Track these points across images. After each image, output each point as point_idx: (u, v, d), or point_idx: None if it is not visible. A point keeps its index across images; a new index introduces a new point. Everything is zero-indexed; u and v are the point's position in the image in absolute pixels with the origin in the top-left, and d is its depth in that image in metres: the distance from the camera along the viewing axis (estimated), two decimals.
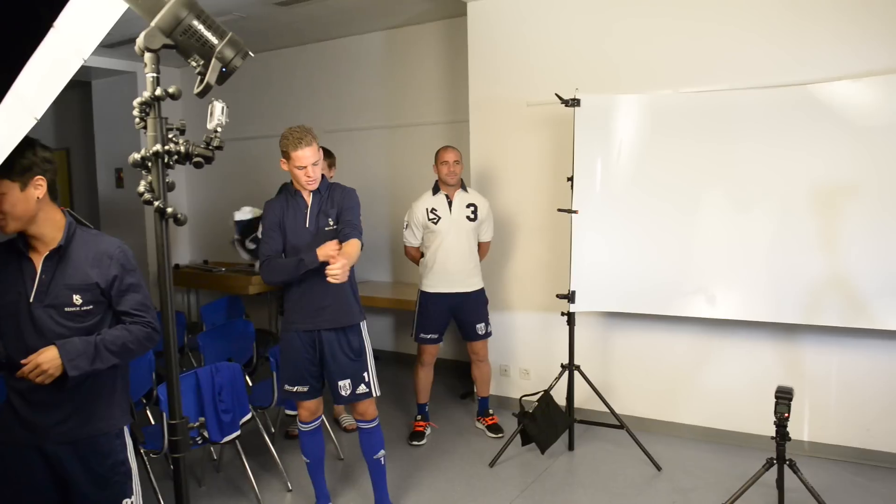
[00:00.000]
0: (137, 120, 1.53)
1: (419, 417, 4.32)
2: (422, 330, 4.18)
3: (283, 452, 3.96)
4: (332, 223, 3.04)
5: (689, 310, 3.89)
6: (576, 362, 3.96)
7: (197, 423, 1.52)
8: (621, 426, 3.88)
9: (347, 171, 5.64)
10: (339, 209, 3.05)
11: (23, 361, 1.87)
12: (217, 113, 1.59)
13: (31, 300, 1.96)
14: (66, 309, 1.98)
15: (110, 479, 2.08)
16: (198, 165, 1.57)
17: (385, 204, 6.00)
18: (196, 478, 3.76)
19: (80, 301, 1.99)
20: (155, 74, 1.53)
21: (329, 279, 2.62)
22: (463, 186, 4.16)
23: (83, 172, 8.46)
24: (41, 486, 2.04)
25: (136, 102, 1.52)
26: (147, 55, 1.54)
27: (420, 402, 4.31)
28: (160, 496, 3.25)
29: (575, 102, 3.83)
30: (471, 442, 4.26)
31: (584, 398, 4.18)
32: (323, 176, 3.06)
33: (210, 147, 1.59)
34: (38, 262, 1.99)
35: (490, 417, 4.39)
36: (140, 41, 1.53)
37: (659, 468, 3.78)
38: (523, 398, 3.90)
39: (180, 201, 7.41)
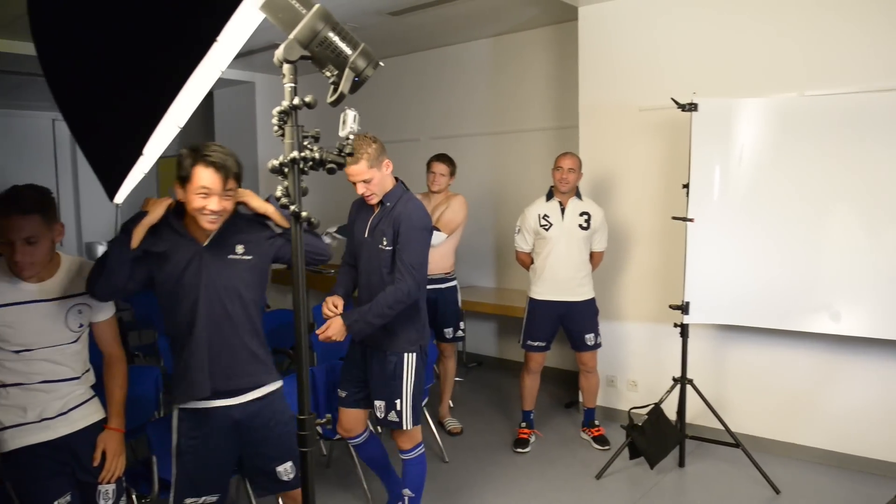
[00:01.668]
0: (276, 128, 1.60)
1: (524, 425, 4.29)
2: (529, 337, 4.15)
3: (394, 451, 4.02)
4: (385, 243, 2.83)
5: (812, 325, 3.67)
6: (688, 376, 3.82)
7: (325, 420, 1.57)
8: (736, 444, 3.71)
9: None
10: (396, 233, 2.81)
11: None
12: (349, 121, 1.64)
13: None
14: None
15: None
16: (331, 171, 1.62)
17: (489, 210, 6.02)
18: None
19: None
20: (293, 84, 1.59)
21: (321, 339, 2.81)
22: (578, 194, 4.09)
23: None
24: (229, 446, 2.33)
25: (275, 111, 1.59)
26: (285, 66, 1.60)
27: (525, 410, 4.28)
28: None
29: (692, 107, 3.71)
30: (576, 452, 4.19)
31: (695, 413, 4.02)
32: (396, 186, 2.91)
33: (342, 154, 1.64)
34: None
35: (596, 428, 4.30)
36: (279, 53, 1.60)
37: (777, 491, 3.58)
38: (632, 410, 3.81)
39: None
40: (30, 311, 2.12)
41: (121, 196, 1.34)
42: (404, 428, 2.94)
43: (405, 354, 2.92)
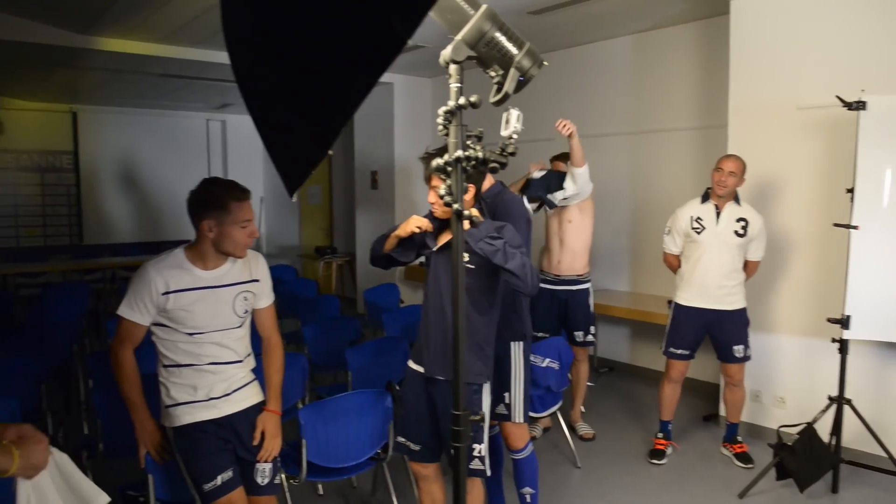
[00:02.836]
0: (441, 127, 1.63)
1: (661, 435, 4.13)
2: (672, 344, 4.00)
3: None
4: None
5: None
6: (846, 395, 3.54)
7: (478, 417, 1.59)
8: None
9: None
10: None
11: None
12: (513, 121, 1.64)
13: None
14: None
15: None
16: (493, 171, 1.63)
17: (627, 212, 5.86)
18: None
19: None
20: (459, 85, 1.61)
21: None
22: (736, 199, 3.87)
23: (342, 175, 9.33)
24: (425, 409, 2.61)
25: (441, 111, 1.61)
26: (452, 67, 1.62)
27: (663, 420, 4.13)
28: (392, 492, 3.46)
29: (860, 105, 3.42)
30: (715, 468, 4.00)
31: (852, 436, 3.72)
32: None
33: (504, 153, 1.64)
34: None
35: (739, 445, 4.08)
36: (447, 54, 1.62)
37: None
38: (781, 429, 3.58)
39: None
40: (203, 297, 2.29)
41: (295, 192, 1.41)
42: (514, 420, 2.92)
43: (511, 344, 2.91)
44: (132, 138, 10.06)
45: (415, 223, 2.55)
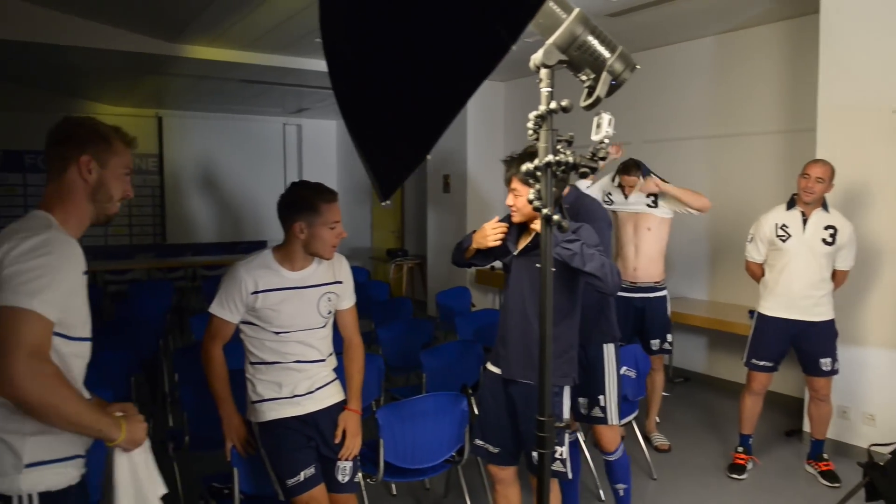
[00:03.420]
0: (531, 132, 1.62)
1: (741, 449, 4.00)
2: (755, 355, 3.86)
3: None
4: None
5: None
6: None
7: (563, 424, 1.58)
8: None
9: None
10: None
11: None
12: (604, 125, 1.61)
13: None
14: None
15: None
16: (583, 175, 1.62)
17: (705, 218, 5.66)
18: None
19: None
20: (550, 89, 1.60)
21: None
22: (824, 206, 3.72)
23: (414, 178, 9.41)
24: (504, 412, 2.60)
25: (531, 115, 1.61)
26: (543, 71, 1.62)
27: (743, 433, 3.99)
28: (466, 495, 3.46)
29: None
30: (798, 486, 3.84)
31: None
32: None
33: (595, 158, 1.62)
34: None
35: (824, 462, 3.90)
36: (538, 58, 1.61)
37: None
38: (872, 447, 3.40)
39: (499, 205, 7.85)
40: (290, 297, 2.35)
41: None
42: (610, 422, 2.95)
43: (603, 346, 2.95)
44: (212, 142, 10.44)
45: (493, 234, 2.55)
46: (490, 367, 2.73)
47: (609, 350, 2.99)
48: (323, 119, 11.31)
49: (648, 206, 4.17)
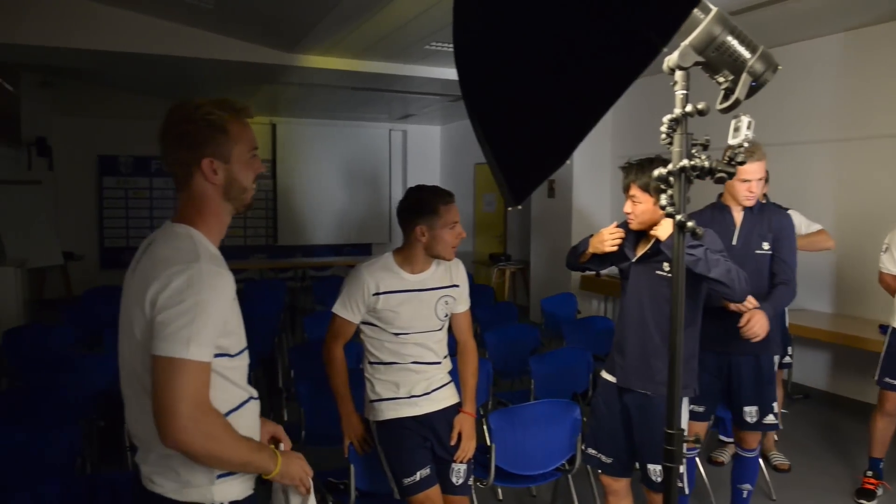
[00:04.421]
0: (664, 135, 1.58)
1: (870, 473, 3.73)
2: (888, 374, 3.59)
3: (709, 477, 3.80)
4: (766, 247, 2.93)
5: None
6: None
7: (693, 438, 1.53)
8: None
9: (782, 188, 5.19)
10: (777, 237, 2.93)
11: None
12: (743, 128, 1.56)
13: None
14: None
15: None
16: (720, 181, 1.56)
17: (829, 225, 5.28)
18: None
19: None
20: (685, 92, 1.56)
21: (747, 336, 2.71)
22: None
23: None
24: (619, 421, 2.60)
25: (665, 119, 1.57)
26: (678, 73, 1.57)
27: (874, 457, 3.72)
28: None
29: None
30: None
31: None
32: None
33: (732, 163, 1.57)
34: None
35: None
36: (673, 60, 1.57)
37: None
38: None
39: (604, 211, 7.71)
40: (409, 299, 2.40)
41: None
42: (780, 428, 3.19)
43: (774, 357, 3.07)
44: (322, 148, 10.83)
45: (610, 240, 2.54)
46: (604, 374, 2.69)
47: (776, 360, 3.14)
48: (428, 125, 11.49)
49: None
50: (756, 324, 2.71)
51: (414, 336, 2.42)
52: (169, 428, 1.37)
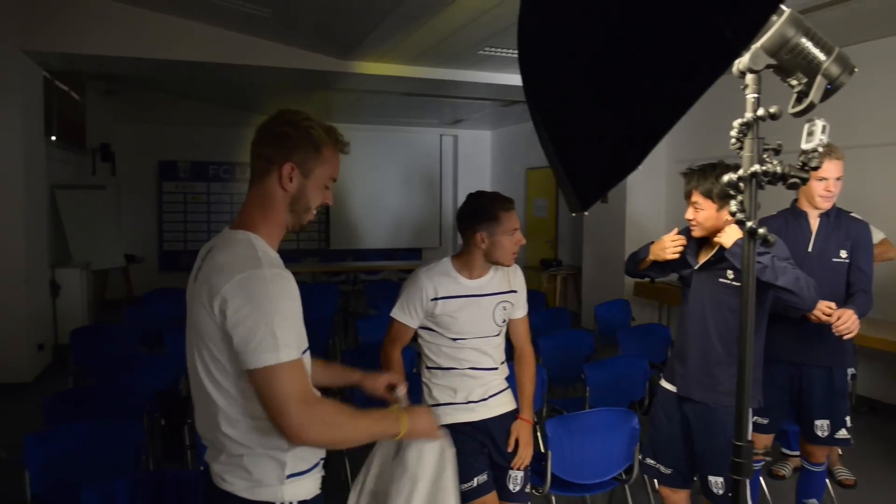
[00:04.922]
0: (734, 140, 1.55)
1: None
2: None
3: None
4: (843, 255, 2.86)
5: None
6: None
7: (762, 451, 1.49)
8: None
9: (842, 192, 5.01)
10: (854, 246, 2.87)
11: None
12: (818, 132, 1.52)
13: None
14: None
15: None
16: (793, 187, 1.52)
17: (890, 233, 5.18)
18: None
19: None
20: (757, 95, 1.53)
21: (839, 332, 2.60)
22: None
23: None
24: (679, 431, 2.57)
25: (736, 123, 1.54)
26: (749, 76, 1.54)
27: None
28: None
29: None
30: None
31: None
32: None
33: (806, 168, 1.52)
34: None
35: None
36: (744, 62, 1.54)
37: None
38: None
39: (659, 217, 7.58)
40: (467, 304, 2.39)
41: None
42: (851, 444, 3.02)
43: (848, 370, 3.02)
44: (373, 153, 10.92)
45: (671, 247, 2.52)
46: (664, 383, 2.64)
47: (848, 373, 3.05)
48: (478, 130, 11.49)
49: None
50: (848, 319, 2.61)
51: (471, 341, 2.41)
52: (289, 431, 1.42)
